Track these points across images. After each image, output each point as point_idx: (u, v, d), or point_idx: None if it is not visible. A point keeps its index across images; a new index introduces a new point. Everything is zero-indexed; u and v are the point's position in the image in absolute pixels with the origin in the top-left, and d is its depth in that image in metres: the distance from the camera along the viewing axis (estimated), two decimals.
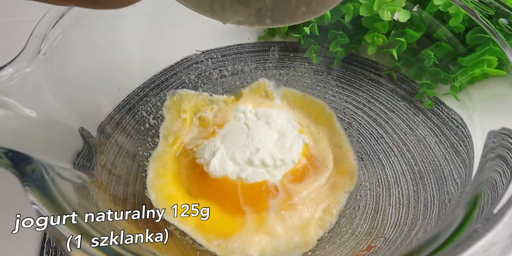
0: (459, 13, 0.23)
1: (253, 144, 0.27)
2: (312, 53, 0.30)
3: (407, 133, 0.26)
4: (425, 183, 0.23)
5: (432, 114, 0.25)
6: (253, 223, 0.24)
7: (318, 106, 0.30)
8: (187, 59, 0.29)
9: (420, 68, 0.26)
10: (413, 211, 0.22)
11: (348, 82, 0.30)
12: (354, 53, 0.30)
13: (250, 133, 0.28)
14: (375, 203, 0.24)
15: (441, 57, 0.24)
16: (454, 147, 0.22)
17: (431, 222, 0.19)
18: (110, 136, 0.24)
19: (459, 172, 0.20)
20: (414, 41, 0.26)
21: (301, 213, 0.25)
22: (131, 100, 0.26)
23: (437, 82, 0.25)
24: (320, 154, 0.27)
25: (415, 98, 0.26)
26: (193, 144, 0.28)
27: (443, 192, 0.21)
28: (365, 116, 0.28)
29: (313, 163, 0.27)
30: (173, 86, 0.29)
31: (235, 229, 0.23)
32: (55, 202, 0.15)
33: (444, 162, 0.22)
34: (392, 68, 0.28)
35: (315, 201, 0.25)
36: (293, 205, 0.25)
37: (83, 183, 0.19)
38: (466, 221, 0.14)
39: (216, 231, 0.23)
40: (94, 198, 0.19)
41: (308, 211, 0.25)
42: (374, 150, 0.27)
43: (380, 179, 0.25)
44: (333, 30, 0.29)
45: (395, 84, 0.28)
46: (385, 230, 0.22)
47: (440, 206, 0.20)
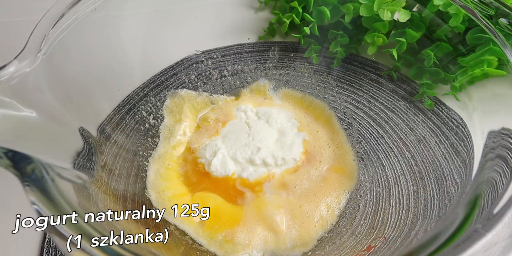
0: (459, 13, 0.23)
1: (254, 144, 0.27)
2: (312, 53, 0.30)
3: (407, 133, 0.26)
4: (425, 183, 0.23)
5: (432, 114, 0.25)
6: (252, 211, 0.24)
7: (318, 106, 0.30)
8: (187, 59, 0.29)
9: (420, 68, 0.26)
10: (413, 211, 0.22)
11: (348, 82, 0.30)
12: (354, 53, 0.30)
13: (251, 132, 0.28)
14: (375, 203, 0.24)
15: (441, 57, 0.24)
16: (454, 147, 0.22)
17: (431, 222, 0.19)
18: (110, 136, 0.24)
19: (459, 172, 0.20)
20: (414, 41, 0.26)
21: (301, 209, 0.25)
22: (131, 100, 0.26)
23: (437, 82, 0.25)
24: (315, 150, 0.28)
25: (415, 98, 0.26)
26: (195, 143, 0.28)
27: (443, 192, 0.21)
28: (365, 116, 0.28)
29: (307, 157, 0.27)
30: (173, 86, 0.29)
31: (237, 217, 0.24)
32: (55, 202, 0.15)
33: (444, 162, 0.22)
34: (392, 68, 0.28)
35: (314, 199, 0.25)
36: (292, 197, 0.25)
37: (83, 183, 0.19)
38: (466, 221, 0.14)
39: (221, 221, 0.23)
40: (94, 198, 0.19)
41: (309, 209, 0.25)
42: (374, 150, 0.27)
43: (380, 179, 0.25)
44: (333, 30, 0.29)
45: (395, 84, 0.28)
46: (385, 230, 0.22)
47: (440, 206, 0.20)
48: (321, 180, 0.26)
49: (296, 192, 0.25)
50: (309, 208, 0.25)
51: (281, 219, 0.24)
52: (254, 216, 0.24)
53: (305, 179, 0.26)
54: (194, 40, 0.29)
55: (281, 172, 0.26)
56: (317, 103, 0.30)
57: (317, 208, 0.25)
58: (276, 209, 0.24)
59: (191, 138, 0.28)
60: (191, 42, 0.29)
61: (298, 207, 0.25)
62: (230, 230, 0.23)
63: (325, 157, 0.27)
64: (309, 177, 0.26)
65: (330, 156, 0.28)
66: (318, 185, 0.26)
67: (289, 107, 0.30)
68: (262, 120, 0.29)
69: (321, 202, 0.25)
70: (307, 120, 0.30)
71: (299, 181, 0.26)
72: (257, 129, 0.28)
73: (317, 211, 0.25)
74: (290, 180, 0.26)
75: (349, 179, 0.26)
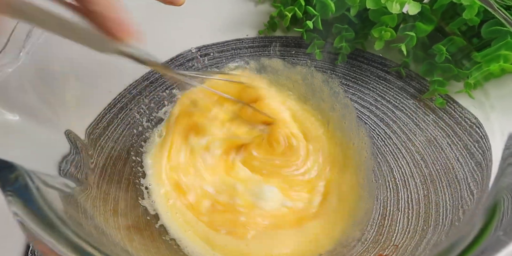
0: (473, 4, 0.22)
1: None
2: (315, 48, 0.30)
3: (416, 133, 0.25)
4: (436, 186, 0.22)
5: (444, 113, 0.24)
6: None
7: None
8: (182, 56, 0.29)
9: (431, 64, 0.25)
10: (424, 217, 0.21)
11: (353, 79, 0.29)
12: (360, 49, 0.29)
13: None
14: (382, 208, 0.24)
15: (454, 52, 0.23)
16: (467, 148, 0.21)
17: (444, 230, 0.19)
18: (100, 138, 0.23)
19: (474, 175, 0.20)
20: (425, 35, 0.25)
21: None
22: (123, 99, 0.26)
23: (449, 79, 0.24)
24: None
25: (425, 96, 0.26)
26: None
27: (456, 197, 0.20)
28: (372, 116, 0.27)
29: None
30: (166, 84, 0.28)
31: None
32: (40, 213, 0.15)
33: (457, 165, 0.22)
34: (400, 64, 0.27)
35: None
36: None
37: (71, 190, 0.18)
38: (485, 229, 0.14)
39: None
40: (83, 206, 0.18)
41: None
42: (381, 151, 0.26)
43: (388, 182, 0.25)
44: (338, 24, 0.28)
45: (403, 81, 0.27)
46: (394, 237, 0.21)
47: (454, 212, 0.20)
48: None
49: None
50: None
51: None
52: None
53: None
54: (190, 35, 0.29)
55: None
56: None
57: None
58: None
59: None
60: (187, 37, 0.28)
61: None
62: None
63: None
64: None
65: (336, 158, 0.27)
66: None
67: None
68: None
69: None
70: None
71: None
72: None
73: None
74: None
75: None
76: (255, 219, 0.23)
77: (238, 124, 0.27)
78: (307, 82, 0.29)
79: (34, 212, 0.15)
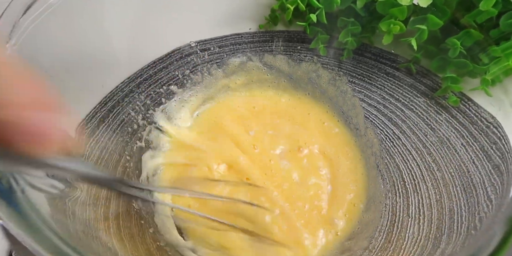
0: None
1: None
2: (319, 43, 0.29)
3: (427, 133, 0.24)
4: (449, 191, 0.21)
5: (458, 112, 0.23)
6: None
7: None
8: (179, 51, 0.28)
9: (444, 60, 0.24)
10: (437, 223, 0.20)
11: (359, 76, 0.28)
12: (367, 43, 0.28)
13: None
14: (391, 214, 0.23)
15: (470, 46, 0.22)
16: (484, 150, 0.20)
17: (459, 238, 0.18)
18: (91, 137, 0.22)
19: (491, 179, 0.19)
20: (437, 29, 0.24)
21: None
22: (115, 96, 0.25)
23: (463, 76, 0.23)
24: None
25: (437, 94, 0.25)
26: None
27: (472, 202, 0.19)
28: (379, 115, 0.27)
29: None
30: (163, 81, 0.28)
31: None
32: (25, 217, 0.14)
33: (473, 168, 0.21)
34: (410, 60, 0.26)
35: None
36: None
37: (59, 192, 0.17)
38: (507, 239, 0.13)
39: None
40: (71, 209, 0.18)
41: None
42: (389, 153, 0.25)
43: (397, 186, 0.24)
44: (343, 17, 0.27)
45: (414, 78, 0.26)
46: (404, 245, 0.20)
47: (470, 219, 0.19)
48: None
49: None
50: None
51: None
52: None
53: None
54: (187, 28, 0.28)
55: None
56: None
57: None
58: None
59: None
60: (184, 31, 0.28)
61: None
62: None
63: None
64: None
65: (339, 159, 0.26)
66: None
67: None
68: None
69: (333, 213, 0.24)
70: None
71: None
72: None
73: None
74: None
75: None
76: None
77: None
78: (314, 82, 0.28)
79: (18, 216, 0.14)
